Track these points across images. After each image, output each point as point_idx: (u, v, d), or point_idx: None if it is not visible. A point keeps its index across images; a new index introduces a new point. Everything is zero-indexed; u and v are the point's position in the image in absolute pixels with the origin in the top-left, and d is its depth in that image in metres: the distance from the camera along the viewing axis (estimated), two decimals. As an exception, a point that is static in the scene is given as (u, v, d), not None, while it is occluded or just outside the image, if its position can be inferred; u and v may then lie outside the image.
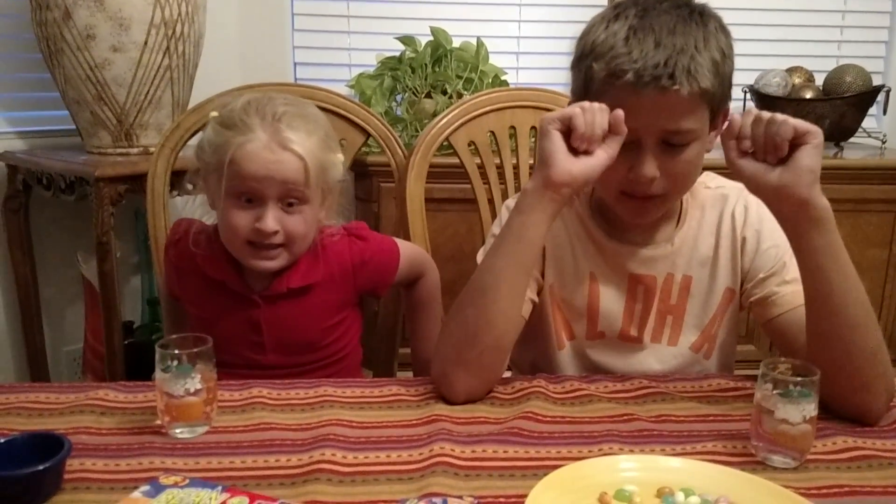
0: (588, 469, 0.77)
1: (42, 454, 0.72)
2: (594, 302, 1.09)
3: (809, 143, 0.86)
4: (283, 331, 1.18)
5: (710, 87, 0.93)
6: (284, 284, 1.16)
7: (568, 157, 0.93)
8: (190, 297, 1.23)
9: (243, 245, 1.11)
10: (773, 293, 1.04)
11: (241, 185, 1.08)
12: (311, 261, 1.18)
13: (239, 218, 1.10)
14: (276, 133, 1.08)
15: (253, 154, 1.07)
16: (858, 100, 2.27)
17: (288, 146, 1.08)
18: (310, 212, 1.13)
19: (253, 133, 1.08)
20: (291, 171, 1.08)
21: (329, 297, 1.20)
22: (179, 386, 0.84)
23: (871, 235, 2.10)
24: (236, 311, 1.17)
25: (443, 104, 2.09)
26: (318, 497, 0.73)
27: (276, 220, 1.09)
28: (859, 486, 0.77)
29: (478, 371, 0.95)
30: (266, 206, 1.09)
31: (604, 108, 0.93)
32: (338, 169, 1.18)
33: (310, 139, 1.10)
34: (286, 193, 1.09)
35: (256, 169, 1.07)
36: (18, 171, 1.97)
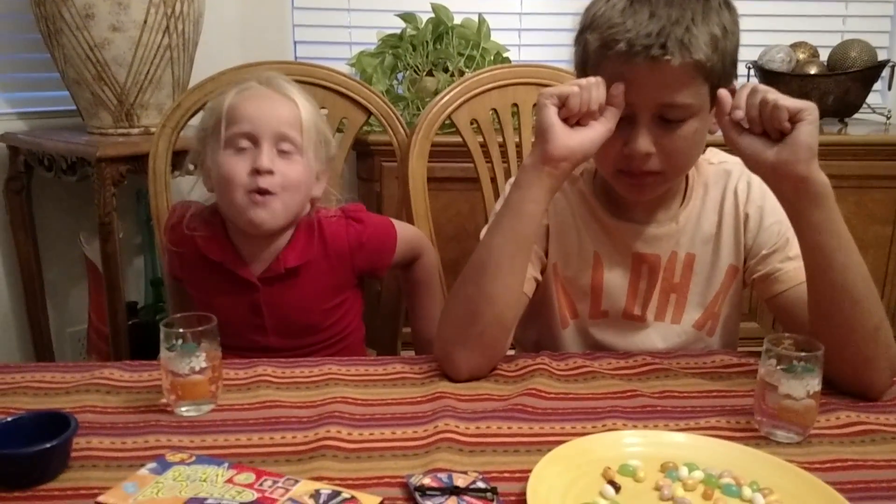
0: (592, 444, 0.77)
1: (49, 432, 0.72)
2: (598, 281, 1.09)
3: (805, 120, 0.86)
4: (283, 313, 1.19)
5: (705, 59, 0.91)
6: (282, 265, 1.16)
7: (565, 130, 0.93)
8: (191, 280, 1.24)
9: (241, 195, 1.11)
10: (777, 269, 1.04)
11: (236, 129, 1.11)
12: (308, 239, 1.19)
13: (236, 165, 1.11)
14: (271, 81, 1.15)
15: (248, 97, 1.13)
16: (863, 75, 2.25)
17: (284, 92, 1.14)
18: (303, 164, 1.14)
19: (249, 82, 1.15)
20: (286, 112, 1.12)
21: (326, 279, 1.20)
22: (184, 364, 0.84)
23: (875, 212, 2.09)
24: (237, 295, 1.18)
25: (444, 82, 2.08)
26: (324, 473, 0.73)
27: (271, 159, 1.10)
28: (862, 461, 0.77)
29: (480, 348, 0.96)
30: (261, 147, 1.10)
31: (600, 82, 0.92)
32: (329, 143, 1.21)
33: (306, 99, 1.16)
34: (280, 136, 1.11)
35: (252, 110, 1.11)
36: (20, 153, 1.97)
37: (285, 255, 1.17)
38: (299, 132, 1.12)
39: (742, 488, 0.70)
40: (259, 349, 1.17)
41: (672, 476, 0.73)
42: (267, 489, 0.66)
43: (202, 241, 1.18)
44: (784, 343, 0.83)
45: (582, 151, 0.94)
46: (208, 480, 0.67)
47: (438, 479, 0.71)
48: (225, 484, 0.67)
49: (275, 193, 1.11)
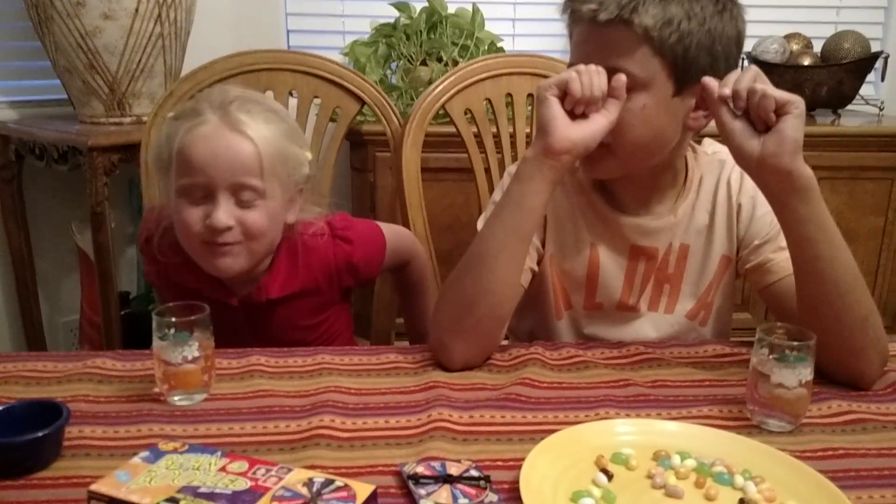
0: (585, 433, 0.77)
1: (41, 421, 0.72)
2: (594, 273, 1.09)
3: (791, 113, 0.85)
4: (267, 333, 1.15)
5: (650, 27, 0.91)
6: (263, 294, 1.11)
7: (567, 123, 0.93)
8: (170, 294, 1.18)
9: (199, 246, 1.04)
10: (769, 260, 1.04)
11: (188, 178, 1.01)
12: (291, 267, 1.13)
13: (190, 215, 1.02)
14: (226, 115, 1.01)
15: (200, 138, 1.00)
16: (856, 66, 2.25)
17: (238, 128, 1.00)
18: (269, 207, 1.04)
19: (201, 117, 1.01)
20: (242, 158, 1.00)
21: (312, 300, 1.16)
22: (177, 354, 0.84)
23: (867, 203, 2.10)
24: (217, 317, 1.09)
25: (438, 72, 2.07)
26: (318, 462, 0.73)
27: (229, 213, 1.01)
28: (854, 449, 0.78)
29: (475, 339, 0.95)
30: (217, 199, 1.01)
31: (600, 69, 0.92)
32: (301, 164, 1.09)
33: (267, 126, 1.03)
34: (239, 186, 1.01)
35: (203, 155, 0.99)
36: (10, 141, 1.96)
37: (266, 284, 1.11)
38: (259, 176, 1.01)
39: (734, 476, 0.71)
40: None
41: (664, 464, 0.73)
42: (260, 477, 0.66)
43: (175, 270, 1.12)
44: (776, 332, 0.83)
45: (584, 143, 0.93)
46: (201, 469, 0.67)
47: (432, 467, 0.71)
48: (218, 472, 0.66)
49: (238, 243, 1.03)
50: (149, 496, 0.63)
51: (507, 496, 0.68)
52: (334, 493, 0.64)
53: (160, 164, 1.07)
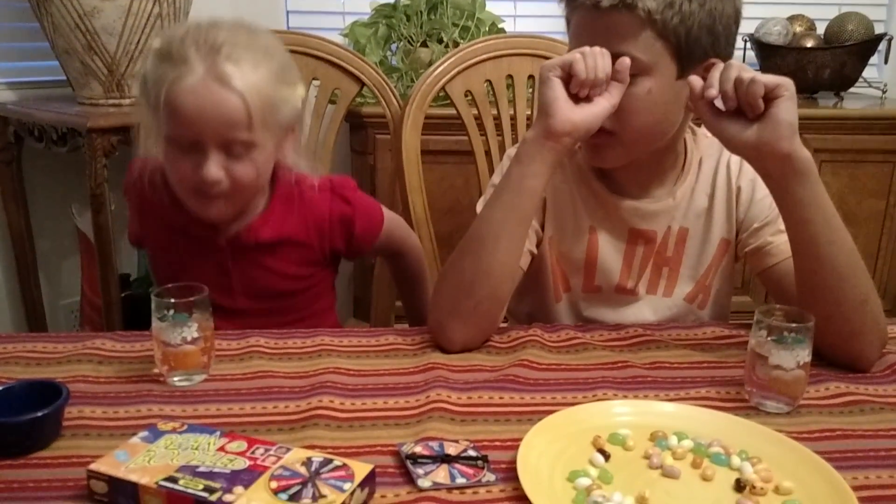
0: (582, 414, 0.77)
1: (41, 401, 0.72)
2: (592, 255, 1.09)
3: (782, 97, 0.84)
4: (251, 277, 1.13)
5: (652, 11, 0.90)
6: (253, 236, 1.10)
7: (569, 105, 0.92)
8: (154, 241, 1.17)
9: (188, 192, 1.04)
10: (768, 243, 1.04)
11: (176, 131, 0.99)
12: (285, 212, 1.12)
13: (180, 165, 1.01)
14: (214, 66, 0.97)
15: (187, 92, 0.97)
16: (860, 48, 2.24)
17: (226, 81, 0.97)
18: (261, 157, 1.03)
19: (187, 65, 0.97)
20: (231, 113, 0.97)
21: (302, 252, 1.15)
22: (176, 335, 0.84)
23: (869, 186, 2.09)
24: (203, 255, 1.11)
25: (438, 53, 2.06)
26: (317, 442, 0.74)
27: (220, 167, 1.00)
28: (851, 430, 0.78)
29: (474, 321, 0.96)
30: (207, 152, 0.99)
31: (605, 52, 0.92)
32: (293, 105, 1.06)
33: (255, 72, 0.99)
34: (228, 141, 0.99)
35: (191, 112, 0.97)
36: (9, 123, 1.95)
37: (257, 226, 1.10)
38: (249, 129, 0.99)
39: (731, 457, 0.71)
40: (225, 310, 1.09)
41: (661, 445, 0.73)
42: (259, 457, 0.66)
43: (163, 205, 1.10)
44: (775, 314, 0.83)
45: (586, 126, 0.93)
46: (200, 448, 0.67)
47: (430, 447, 0.72)
48: (217, 452, 0.67)
49: (226, 194, 1.03)
50: (148, 475, 0.63)
51: (504, 476, 0.68)
52: (332, 472, 0.64)
53: (146, 99, 1.04)
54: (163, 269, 1.17)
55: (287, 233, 1.13)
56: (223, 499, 0.60)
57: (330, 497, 0.61)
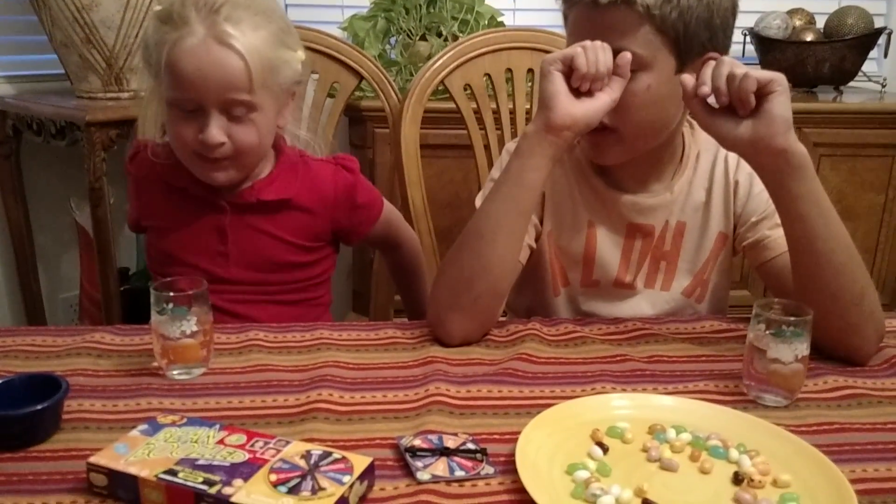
0: (580, 407, 0.78)
1: (40, 395, 0.72)
2: (591, 250, 1.09)
3: (776, 91, 0.84)
4: (249, 242, 1.12)
5: (652, 5, 0.90)
6: (255, 195, 1.10)
7: (570, 99, 0.92)
8: (152, 210, 1.16)
9: (192, 157, 1.04)
10: (766, 237, 1.04)
11: (178, 93, 1.00)
12: (289, 176, 1.12)
13: (182, 128, 1.02)
14: (214, 26, 0.98)
15: (188, 54, 0.98)
16: (859, 42, 2.23)
17: (226, 41, 0.98)
18: (262, 119, 1.04)
19: (188, 27, 0.98)
20: (231, 74, 0.98)
21: (303, 220, 1.14)
22: (175, 328, 0.84)
23: (868, 180, 2.09)
24: (200, 218, 1.10)
25: (438, 46, 2.06)
26: (316, 435, 0.74)
27: (221, 129, 1.01)
28: (849, 424, 0.78)
29: (473, 315, 0.96)
30: (208, 115, 1.00)
31: (606, 46, 0.92)
32: (293, 68, 1.07)
33: (255, 33, 1.00)
34: (229, 102, 1.00)
35: (192, 73, 0.98)
36: (8, 117, 1.95)
37: (260, 186, 1.10)
38: (250, 90, 1.00)
39: (729, 450, 0.71)
40: (218, 281, 1.08)
41: (660, 438, 0.73)
42: (258, 450, 0.66)
43: (165, 168, 1.11)
44: (773, 308, 0.83)
45: (586, 121, 0.93)
46: (199, 442, 0.67)
47: (429, 440, 0.72)
48: (216, 445, 0.67)
49: (230, 159, 1.04)
50: (147, 468, 0.63)
51: (503, 468, 0.68)
52: (332, 465, 0.64)
53: (148, 66, 1.06)
54: (159, 241, 1.15)
55: (290, 195, 1.12)
56: (222, 491, 0.60)
57: (329, 490, 0.61)
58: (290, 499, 0.60)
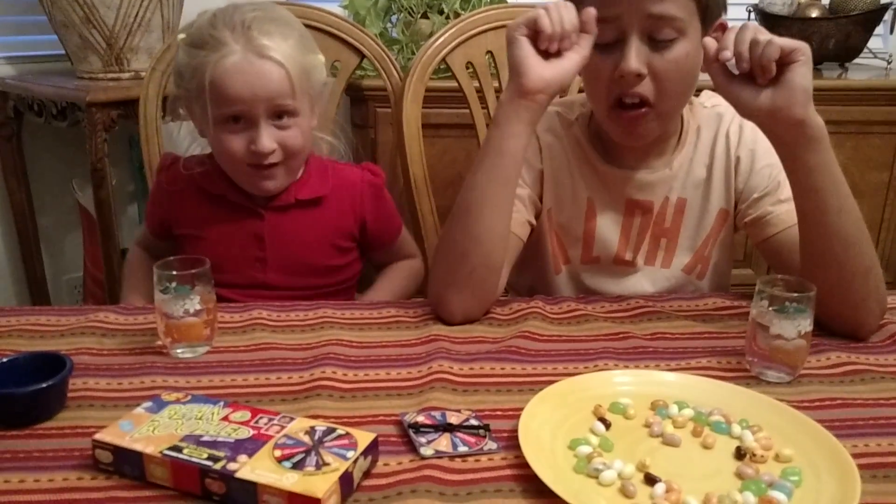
0: (583, 383, 0.78)
1: (45, 373, 0.72)
2: (591, 227, 1.09)
3: (799, 61, 0.83)
4: (287, 245, 1.16)
5: None
6: (293, 195, 1.15)
7: (539, 62, 0.92)
8: (186, 219, 1.19)
9: (243, 169, 1.10)
10: (768, 213, 1.04)
11: (227, 108, 1.05)
12: (321, 176, 1.18)
13: (233, 142, 1.07)
14: (250, 42, 1.03)
15: (232, 71, 1.03)
16: (865, 19, 2.21)
17: (266, 54, 1.03)
18: (303, 123, 1.10)
19: (227, 47, 1.03)
20: (276, 83, 1.04)
21: (335, 218, 1.19)
22: (179, 307, 0.85)
23: (872, 158, 2.07)
24: (238, 225, 1.15)
25: (439, 24, 2.04)
26: (319, 412, 0.74)
27: (271, 137, 1.06)
28: (851, 399, 0.78)
29: (471, 290, 0.96)
30: (258, 125, 1.06)
31: (568, 4, 0.91)
32: (320, 71, 1.14)
33: (286, 42, 1.06)
34: (275, 109, 1.06)
35: (239, 88, 1.03)
36: (9, 98, 1.94)
37: (297, 188, 1.15)
38: (293, 96, 1.06)
39: (731, 426, 0.71)
40: (257, 286, 1.15)
41: (662, 414, 0.74)
42: (262, 426, 0.66)
43: (201, 176, 1.15)
44: (776, 284, 0.83)
45: (558, 82, 0.92)
46: (204, 419, 0.68)
47: (432, 416, 0.72)
48: (220, 422, 0.67)
49: (280, 164, 1.10)
50: (152, 444, 0.64)
51: (505, 444, 0.69)
52: (336, 440, 0.65)
53: (187, 92, 1.09)
54: (196, 249, 1.15)
55: (325, 192, 1.17)
56: (227, 467, 0.61)
57: (333, 465, 0.61)
58: (294, 474, 0.60)
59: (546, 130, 1.10)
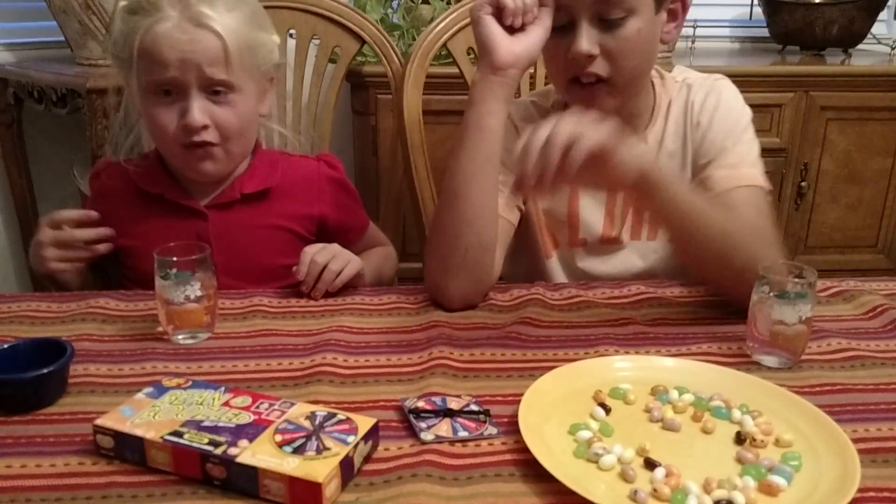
0: (583, 369, 0.78)
1: (46, 359, 0.73)
2: (574, 209, 1.10)
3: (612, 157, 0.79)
4: (235, 245, 1.08)
5: None
6: (237, 190, 1.08)
7: (506, 38, 0.93)
8: (125, 226, 1.08)
9: (178, 150, 1.02)
10: (707, 177, 1.03)
11: (156, 76, 0.98)
12: (269, 169, 1.11)
13: (163, 115, 1.00)
14: (187, 8, 0.98)
15: (163, 36, 0.97)
16: (869, 4, 2.19)
17: (202, 22, 0.97)
18: (242, 102, 1.03)
19: (161, 13, 0.97)
20: (209, 52, 0.98)
21: (290, 211, 1.11)
22: (179, 293, 0.85)
23: (875, 144, 2.06)
24: (180, 228, 1.06)
25: (440, 10, 2.03)
26: (320, 397, 0.74)
27: (203, 111, 0.99)
28: (851, 385, 0.78)
29: (465, 273, 0.95)
30: (189, 97, 0.99)
31: None
32: (270, 51, 1.07)
33: (230, 14, 1.00)
34: (208, 81, 0.99)
35: (168, 53, 0.97)
36: (9, 85, 1.94)
37: (241, 181, 1.08)
38: (227, 68, 0.99)
39: (731, 411, 0.71)
40: None
41: (662, 399, 0.74)
42: (263, 412, 0.67)
43: (138, 174, 1.08)
44: (777, 269, 0.83)
45: (527, 56, 0.94)
46: (205, 404, 0.68)
47: (432, 402, 0.72)
48: (221, 407, 0.67)
49: (216, 144, 1.02)
50: (153, 430, 0.64)
51: (506, 429, 0.69)
52: (336, 425, 0.65)
53: (120, 62, 1.04)
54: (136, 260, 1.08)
55: (272, 184, 1.10)
56: (228, 452, 0.61)
57: (334, 450, 0.61)
58: (295, 459, 0.60)
59: (523, 119, 1.11)
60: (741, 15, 2.44)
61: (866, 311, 0.95)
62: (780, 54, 2.28)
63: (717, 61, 2.17)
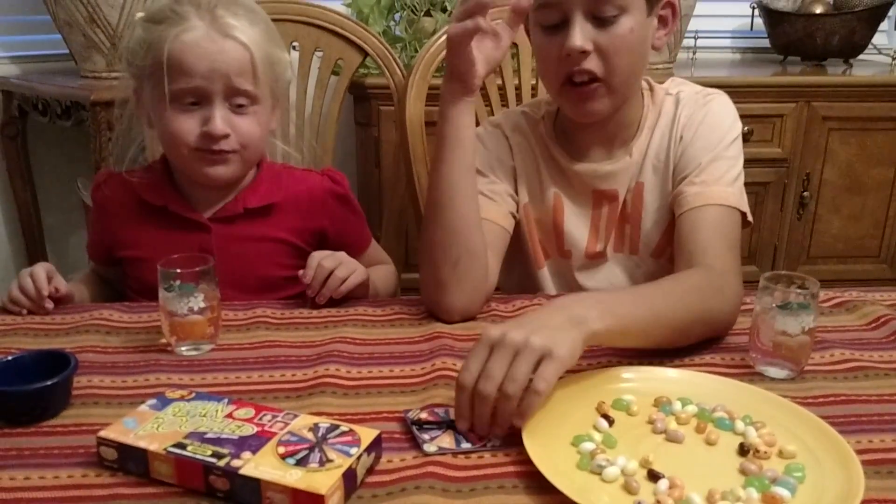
0: (586, 380, 0.78)
1: (50, 371, 0.73)
2: (559, 222, 1.11)
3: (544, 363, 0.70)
4: (237, 259, 1.08)
5: None
6: (241, 204, 1.08)
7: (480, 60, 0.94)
8: (127, 238, 1.10)
9: (192, 154, 1.02)
10: (679, 192, 1.03)
11: (182, 84, 0.99)
12: (273, 183, 1.11)
13: (184, 123, 1.00)
14: (215, 20, 1.00)
15: (192, 45, 0.98)
16: (869, 14, 2.20)
17: (230, 33, 0.99)
18: (262, 115, 1.05)
19: (188, 22, 0.99)
20: (237, 63, 1.00)
21: (292, 226, 1.11)
22: (183, 305, 0.85)
23: (877, 154, 2.07)
24: (183, 240, 1.06)
25: (443, 22, 2.04)
26: (323, 409, 0.74)
27: (225, 121, 1.01)
28: (855, 396, 0.78)
29: (459, 283, 0.96)
30: (213, 105, 1.00)
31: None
32: (286, 69, 1.09)
33: (253, 28, 1.02)
34: (233, 91, 1.01)
35: (197, 62, 0.98)
36: (13, 97, 1.95)
37: (245, 196, 1.09)
38: (253, 80, 1.01)
39: (735, 422, 0.71)
40: None
41: (665, 410, 0.73)
42: (266, 423, 0.67)
43: (142, 186, 1.08)
44: (780, 280, 0.83)
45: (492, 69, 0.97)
46: (208, 416, 0.68)
47: (435, 413, 0.72)
48: (225, 419, 0.67)
49: (233, 152, 1.03)
50: (157, 442, 0.64)
51: (508, 441, 0.68)
52: (339, 437, 0.65)
53: (137, 70, 1.04)
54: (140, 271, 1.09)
55: (277, 199, 1.11)
56: (231, 464, 0.61)
57: (337, 461, 0.61)
58: (298, 470, 0.60)
59: (514, 130, 1.12)
60: (742, 26, 2.45)
61: (869, 322, 0.95)
62: (782, 65, 2.28)
63: (718, 72, 2.17)
